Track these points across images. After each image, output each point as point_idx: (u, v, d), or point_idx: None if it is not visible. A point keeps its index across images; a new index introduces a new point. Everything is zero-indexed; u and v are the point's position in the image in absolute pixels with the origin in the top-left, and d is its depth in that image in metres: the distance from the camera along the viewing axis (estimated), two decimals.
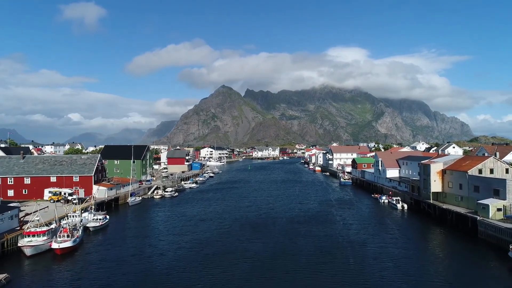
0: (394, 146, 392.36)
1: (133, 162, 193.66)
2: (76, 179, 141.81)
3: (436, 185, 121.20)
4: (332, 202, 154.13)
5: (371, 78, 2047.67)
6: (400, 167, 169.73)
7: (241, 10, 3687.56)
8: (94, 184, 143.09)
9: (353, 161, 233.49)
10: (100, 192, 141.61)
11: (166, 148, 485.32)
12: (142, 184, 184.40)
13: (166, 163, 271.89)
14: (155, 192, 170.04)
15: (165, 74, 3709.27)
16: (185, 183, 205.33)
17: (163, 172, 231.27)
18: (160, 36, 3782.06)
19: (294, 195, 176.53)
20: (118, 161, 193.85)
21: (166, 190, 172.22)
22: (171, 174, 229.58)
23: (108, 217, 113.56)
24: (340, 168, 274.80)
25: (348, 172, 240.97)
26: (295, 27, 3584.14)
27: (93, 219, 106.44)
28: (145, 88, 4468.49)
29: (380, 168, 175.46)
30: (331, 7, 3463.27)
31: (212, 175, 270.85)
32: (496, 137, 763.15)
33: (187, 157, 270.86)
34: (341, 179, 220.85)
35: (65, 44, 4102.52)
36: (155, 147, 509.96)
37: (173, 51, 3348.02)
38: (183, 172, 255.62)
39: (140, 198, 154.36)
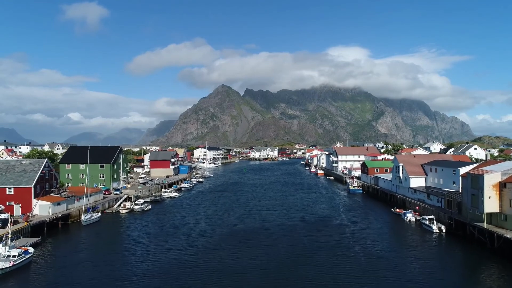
0: (405, 147, 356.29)
1: (101, 167, 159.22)
2: (10, 191, 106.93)
3: (491, 204, 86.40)
4: (343, 219, 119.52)
5: (372, 78, 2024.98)
6: (426, 174, 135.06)
7: (243, 10, 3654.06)
8: (35, 197, 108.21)
9: (363, 164, 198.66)
10: (41, 208, 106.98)
11: (157, 148, 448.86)
12: (111, 194, 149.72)
13: (149, 166, 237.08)
14: (122, 205, 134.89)
15: (166, 73, 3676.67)
16: (165, 192, 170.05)
17: (141, 178, 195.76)
18: (161, 35, 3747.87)
19: (295, 207, 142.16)
20: (84, 166, 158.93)
21: (136, 202, 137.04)
22: (152, 180, 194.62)
23: (31, 250, 78.85)
24: (346, 172, 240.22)
25: (356, 177, 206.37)
26: (296, 27, 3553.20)
27: (3, 257, 71.80)
28: (145, 88, 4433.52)
29: (401, 175, 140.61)
30: (332, 6, 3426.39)
31: (201, 179, 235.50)
32: (500, 137, 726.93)
33: (173, 159, 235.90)
34: (350, 186, 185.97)
35: (66, 44, 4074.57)
36: (147, 147, 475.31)
37: (174, 50, 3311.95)
38: (167, 176, 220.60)
39: (99, 214, 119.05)
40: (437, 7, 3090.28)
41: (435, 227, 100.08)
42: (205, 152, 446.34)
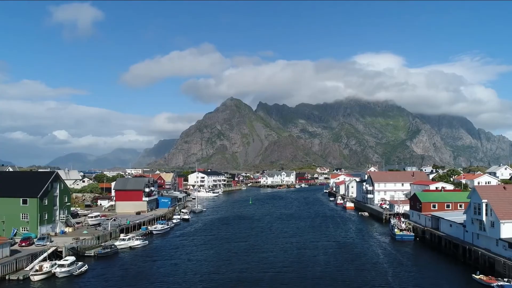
0: (461, 172, 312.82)
1: (23, 202, 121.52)
2: None
3: None
4: None
5: (406, 90, 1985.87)
6: None
7: (258, 12, 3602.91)
8: None
9: (414, 198, 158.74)
10: None
11: (138, 172, 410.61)
12: (32, 245, 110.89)
13: (114, 198, 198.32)
14: (37, 266, 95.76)
15: (167, 85, 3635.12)
16: (125, 238, 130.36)
17: (91, 218, 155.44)
18: (163, 41, 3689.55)
19: (315, 266, 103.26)
20: None
21: (61, 262, 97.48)
22: (114, 219, 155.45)
23: None
24: (386, 206, 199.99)
25: (402, 215, 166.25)
26: (319, 31, 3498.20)
27: None
28: (143, 102, 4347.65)
29: (484, 218, 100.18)
30: (360, 8, 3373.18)
31: (186, 217, 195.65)
32: None
33: (148, 189, 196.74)
34: (395, 229, 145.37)
35: (52, 51, 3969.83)
36: (132, 171, 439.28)
37: (177, 58, 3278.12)
38: (138, 213, 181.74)
39: None
40: (481, 9, 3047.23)
41: None
42: (203, 178, 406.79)
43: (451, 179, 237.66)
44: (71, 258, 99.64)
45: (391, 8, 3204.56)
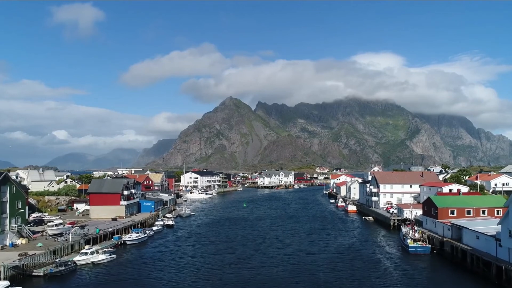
0: (473, 172, 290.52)
1: None
2: None
3: None
4: None
5: (407, 89, 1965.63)
6: None
7: (259, 11, 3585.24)
8: None
9: (429, 202, 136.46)
10: None
11: (128, 172, 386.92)
12: None
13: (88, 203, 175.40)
14: None
15: (167, 85, 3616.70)
16: (87, 252, 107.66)
17: (52, 227, 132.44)
18: (163, 40, 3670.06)
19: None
20: None
21: None
22: (82, 227, 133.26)
23: None
24: (394, 210, 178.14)
25: (414, 221, 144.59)
26: (319, 31, 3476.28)
27: None
28: (143, 102, 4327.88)
29: None
30: (360, 8, 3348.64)
31: (170, 223, 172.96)
32: None
33: (128, 192, 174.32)
34: (408, 239, 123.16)
35: (53, 51, 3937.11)
36: (123, 172, 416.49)
37: (177, 58, 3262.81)
38: (114, 219, 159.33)
39: None
40: (481, 9, 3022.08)
41: None
42: (196, 178, 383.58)
43: (463, 180, 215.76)
44: (4, 283, 77.68)
45: (391, 8, 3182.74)
